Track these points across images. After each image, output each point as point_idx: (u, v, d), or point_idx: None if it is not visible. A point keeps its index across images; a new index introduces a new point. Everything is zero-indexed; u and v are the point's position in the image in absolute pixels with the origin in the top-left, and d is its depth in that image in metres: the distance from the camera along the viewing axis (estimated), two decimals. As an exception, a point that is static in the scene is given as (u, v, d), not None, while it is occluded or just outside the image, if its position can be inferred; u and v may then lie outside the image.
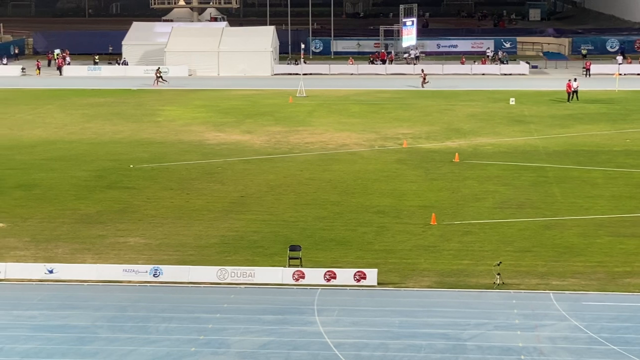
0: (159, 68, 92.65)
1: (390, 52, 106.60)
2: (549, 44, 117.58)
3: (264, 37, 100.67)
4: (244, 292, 33.78)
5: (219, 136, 63.27)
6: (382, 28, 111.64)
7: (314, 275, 34.57)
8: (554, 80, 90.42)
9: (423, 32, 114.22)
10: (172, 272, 34.94)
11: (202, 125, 67.31)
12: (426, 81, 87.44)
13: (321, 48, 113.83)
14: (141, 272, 34.93)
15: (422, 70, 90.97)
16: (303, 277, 34.52)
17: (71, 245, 39.03)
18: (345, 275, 34.47)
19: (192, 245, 39.12)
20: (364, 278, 34.37)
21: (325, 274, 34.51)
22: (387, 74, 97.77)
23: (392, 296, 33.51)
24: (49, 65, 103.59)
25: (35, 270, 35.20)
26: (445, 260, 37.23)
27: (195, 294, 33.64)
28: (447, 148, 58.75)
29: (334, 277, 34.41)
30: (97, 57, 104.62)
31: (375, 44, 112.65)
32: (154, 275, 34.80)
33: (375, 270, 34.74)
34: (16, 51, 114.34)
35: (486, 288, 34.07)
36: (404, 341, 29.38)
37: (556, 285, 34.38)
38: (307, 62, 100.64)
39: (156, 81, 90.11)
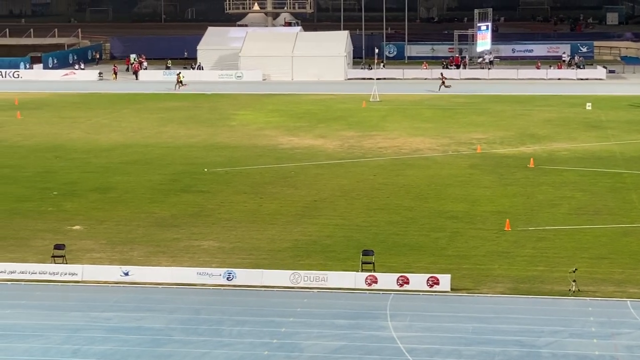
0: (179, 72, 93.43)
1: (464, 57, 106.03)
2: (627, 48, 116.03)
3: (338, 41, 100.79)
4: (316, 297, 33.82)
5: (292, 140, 63.46)
6: (456, 33, 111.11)
7: (387, 280, 34.48)
8: (632, 85, 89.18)
9: (498, 36, 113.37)
10: (245, 276, 35.10)
11: (275, 130, 67.58)
12: (446, 85, 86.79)
13: (395, 53, 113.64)
14: (215, 275, 35.15)
15: (442, 74, 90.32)
16: (376, 282, 34.46)
17: (146, 248, 39.43)
18: (418, 281, 34.33)
19: (265, 249, 39.27)
20: (437, 283, 34.20)
21: (398, 279, 34.42)
22: (462, 79, 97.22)
23: (466, 302, 33.29)
24: (127, 70, 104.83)
25: (111, 272, 35.62)
26: (519, 266, 36.89)
27: (268, 297, 33.75)
28: (522, 153, 58.24)
29: (407, 282, 34.29)
30: (169, 62, 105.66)
31: (449, 48, 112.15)
32: (227, 278, 34.99)
33: (449, 275, 34.55)
34: (97, 56, 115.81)
35: (561, 295, 33.69)
36: (477, 347, 29.17)
37: (634, 293, 33.87)
38: (384, 66, 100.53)
39: (177, 85, 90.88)
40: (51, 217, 44.20)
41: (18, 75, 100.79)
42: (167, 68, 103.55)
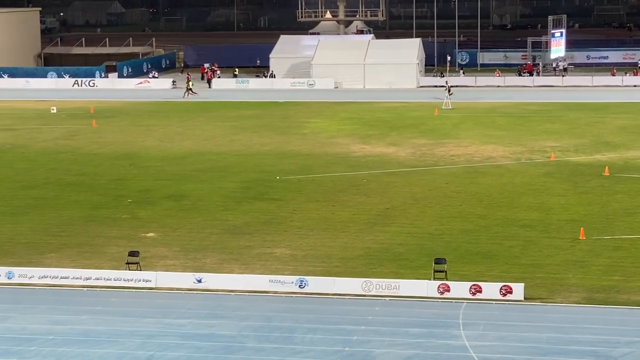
0: (189, 80, 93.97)
1: (538, 64, 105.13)
2: None
3: (410, 49, 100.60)
4: (388, 305, 33.74)
5: (364, 148, 63.44)
6: (529, 40, 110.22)
7: (460, 288, 34.29)
8: None
9: (572, 43, 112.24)
10: (317, 283, 35.14)
11: (347, 138, 67.62)
12: (451, 92, 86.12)
13: (467, 60, 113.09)
14: (287, 282, 35.25)
15: (447, 82, 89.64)
16: (448, 291, 34.28)
17: (219, 255, 39.68)
18: (491, 289, 34.07)
19: (337, 256, 39.28)
20: (511, 292, 33.90)
21: (470, 287, 34.20)
22: (535, 86, 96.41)
23: (540, 311, 32.95)
24: (202, 78, 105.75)
25: (184, 279, 35.90)
26: (594, 275, 36.43)
27: (340, 305, 33.74)
28: (597, 161, 57.56)
29: (480, 291, 34.06)
30: (236, 70, 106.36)
31: (522, 55, 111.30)
32: (299, 286, 35.06)
33: (522, 284, 34.24)
34: (182, 65, 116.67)
35: (638, 305, 33.19)
36: (551, 358, 28.84)
37: None
38: (463, 74, 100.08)
39: (186, 93, 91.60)
40: (125, 224, 44.71)
41: (93, 84, 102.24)
42: (235, 76, 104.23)
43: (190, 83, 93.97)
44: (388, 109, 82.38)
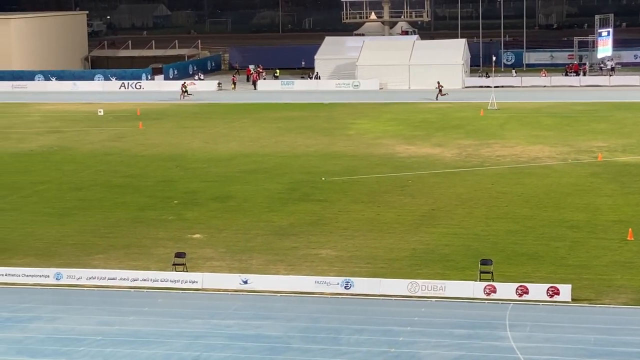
0: (184, 82, 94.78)
1: (585, 64, 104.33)
2: None
3: (455, 50, 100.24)
4: (434, 306, 33.66)
5: (409, 149, 63.32)
6: (576, 39, 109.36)
7: (506, 289, 34.12)
8: None
9: (619, 42, 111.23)
10: (363, 285, 35.14)
11: (392, 139, 67.52)
12: (443, 93, 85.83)
13: (513, 60, 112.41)
14: (333, 284, 35.28)
15: (438, 82, 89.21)
16: (494, 292, 34.13)
17: (265, 256, 39.79)
18: (537, 291, 33.88)
19: (383, 258, 39.25)
20: (558, 294, 33.70)
21: (517, 288, 34.02)
22: (581, 86, 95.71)
23: (587, 313, 32.72)
24: (247, 80, 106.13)
25: (230, 280, 36.05)
26: (642, 277, 36.12)
27: (386, 306, 33.72)
28: (645, 161, 57.03)
29: (526, 292, 33.87)
30: (277, 72, 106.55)
31: (569, 55, 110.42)
32: (345, 287, 35.08)
33: (569, 285, 34.02)
34: (237, 67, 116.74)
35: (686, 306, 32.86)
36: (599, 359, 28.62)
37: None
38: (516, 73, 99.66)
39: (182, 95, 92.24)
40: (172, 225, 44.96)
41: (140, 86, 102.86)
42: (275, 77, 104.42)
43: (186, 85, 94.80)
44: (433, 109, 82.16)
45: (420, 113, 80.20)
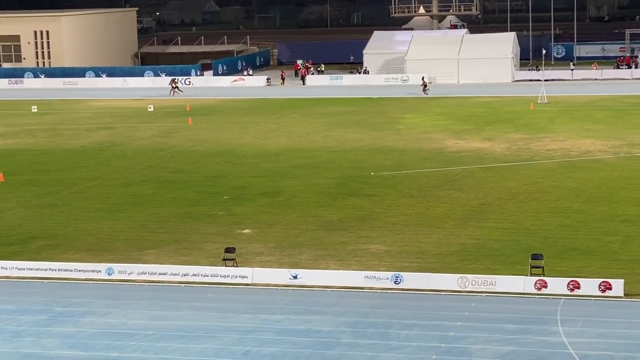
0: (174, 79, 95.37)
1: (636, 56, 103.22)
2: None
3: (505, 43, 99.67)
4: (485, 301, 33.52)
5: (458, 144, 63.08)
6: (628, 32, 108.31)
7: (557, 284, 33.89)
8: None
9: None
10: (412, 279, 35.07)
11: (442, 133, 67.30)
12: (427, 88, 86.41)
13: (563, 53, 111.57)
14: (382, 278, 35.25)
15: (423, 78, 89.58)
16: (545, 287, 33.91)
17: (314, 251, 39.82)
18: (589, 285, 33.61)
19: (432, 252, 39.14)
20: (610, 289, 33.39)
21: (568, 283, 33.78)
22: (633, 79, 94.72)
23: (640, 308, 32.43)
24: (295, 75, 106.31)
25: (280, 275, 36.13)
26: (696, 271, 35.70)
27: (436, 301, 33.63)
28: (698, 155, 56.36)
29: (578, 287, 33.61)
30: (322, 66, 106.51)
31: (620, 48, 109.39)
32: (395, 282, 35.04)
33: (622, 280, 33.70)
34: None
35: None
36: (652, 355, 28.39)
37: None
38: (574, 65, 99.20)
39: (172, 91, 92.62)
40: (222, 220, 45.15)
41: (189, 82, 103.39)
42: (320, 72, 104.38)
43: (177, 81, 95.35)
44: (483, 103, 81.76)
45: (470, 107, 79.85)
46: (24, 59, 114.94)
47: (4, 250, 39.95)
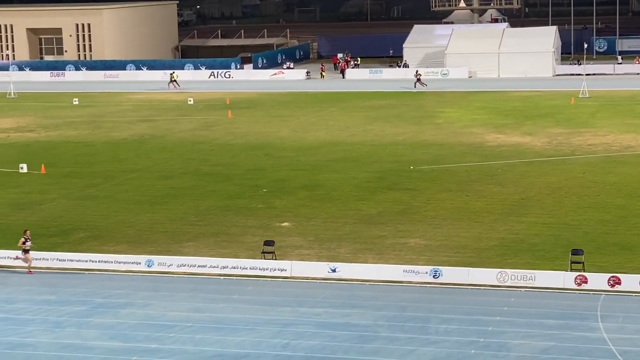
0: (172, 72, 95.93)
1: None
2: None
3: (546, 37, 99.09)
4: (524, 296, 33.38)
5: (498, 138, 62.81)
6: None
7: (597, 280, 33.68)
8: None
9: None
10: (451, 274, 34.99)
11: (481, 127, 67.04)
12: (422, 83, 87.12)
13: (605, 48, 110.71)
14: (421, 273, 35.19)
15: (417, 71, 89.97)
16: (585, 282, 33.71)
17: (353, 245, 39.82)
18: (630, 281, 33.36)
19: (471, 247, 39.02)
20: (651, 285, 33.16)
21: (609, 279, 33.56)
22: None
23: (681, 304, 32.15)
24: (335, 68, 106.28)
25: (318, 268, 36.17)
26: None
27: (474, 296, 33.54)
28: None
29: (619, 283, 33.38)
30: (358, 60, 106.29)
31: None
32: (433, 276, 34.98)
33: (663, 276, 33.47)
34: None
35: None
36: (693, 352, 28.16)
37: None
38: (621, 59, 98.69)
39: (170, 84, 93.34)
40: (261, 213, 45.25)
41: (229, 75, 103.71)
42: (356, 66, 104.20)
43: (175, 75, 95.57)
44: (523, 98, 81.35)
45: (510, 101, 79.48)
46: (66, 51, 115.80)
47: (46, 242, 40.29)
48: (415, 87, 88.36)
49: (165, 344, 29.78)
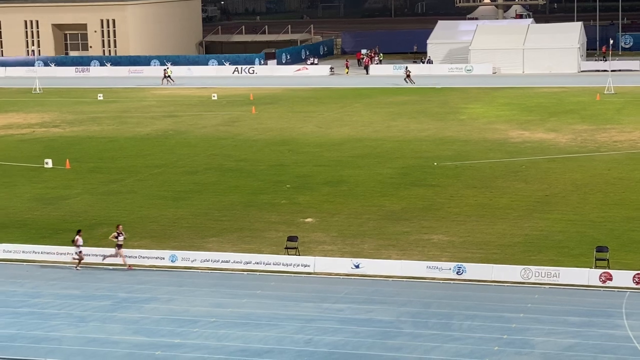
0: (166, 68, 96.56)
1: None
2: None
3: (571, 33, 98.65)
4: (548, 293, 33.27)
5: (523, 134, 62.60)
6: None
7: (623, 277, 33.54)
8: None
9: None
10: (475, 270, 34.93)
11: (506, 123, 66.83)
12: (411, 79, 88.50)
13: (631, 44, 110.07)
14: (445, 269, 35.15)
15: (407, 68, 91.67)
16: (610, 279, 33.56)
17: (376, 241, 39.79)
18: (655, 279, 33.23)
19: (495, 243, 38.91)
20: (676, 282, 32.99)
21: (634, 276, 33.39)
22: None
23: None
24: (359, 64, 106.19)
25: (342, 264, 36.16)
26: None
27: (498, 292, 33.45)
28: None
29: (644, 280, 33.24)
30: (381, 56, 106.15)
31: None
32: (457, 272, 34.92)
33: (688, 274, 33.26)
34: (339, 50, 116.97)
35: None
36: None
37: None
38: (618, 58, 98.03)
39: (163, 80, 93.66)
40: (284, 209, 45.28)
41: (253, 71, 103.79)
42: (380, 62, 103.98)
43: (169, 70, 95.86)
44: (548, 94, 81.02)
45: (534, 97, 79.19)
46: (91, 47, 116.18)
47: (70, 237, 40.42)
48: (411, 82, 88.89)
49: (188, 338, 29.86)
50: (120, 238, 37.13)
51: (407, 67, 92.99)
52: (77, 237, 37.32)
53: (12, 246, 39.07)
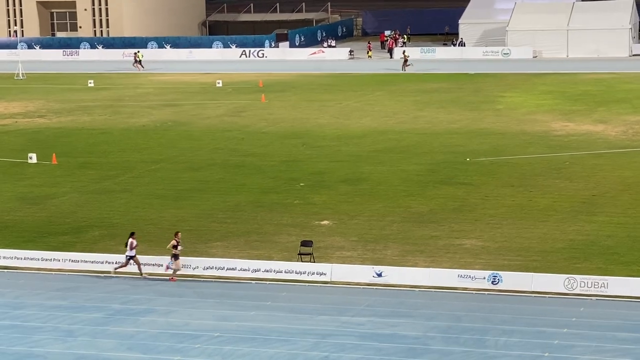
0: (137, 51, 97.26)
1: None
2: None
3: (622, 12, 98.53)
4: (595, 305, 33.29)
5: (567, 126, 62.63)
6: None
7: (679, 288, 33.56)
8: None
9: None
10: (512, 280, 34.94)
11: (547, 114, 66.85)
12: (408, 64, 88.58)
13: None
14: (478, 278, 35.18)
15: (404, 52, 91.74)
16: (665, 291, 33.57)
17: (401, 246, 39.86)
18: None
19: (535, 249, 38.95)
20: None
21: (692, 287, 33.39)
22: None
23: None
24: (382, 47, 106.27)
25: (362, 272, 36.22)
26: None
27: (539, 304, 33.48)
28: None
29: (703, 292, 33.20)
30: (406, 38, 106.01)
31: None
32: (492, 282, 34.96)
33: None
34: (359, 31, 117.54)
35: None
36: None
37: None
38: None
39: (135, 65, 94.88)
40: (297, 210, 45.39)
41: (263, 54, 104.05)
42: (403, 44, 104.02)
43: (140, 54, 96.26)
44: (595, 81, 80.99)
45: (580, 85, 79.18)
46: (80, 27, 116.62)
47: (57, 240, 40.65)
48: (403, 69, 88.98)
49: (189, 355, 29.96)
50: (179, 248, 36.95)
51: (404, 51, 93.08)
52: (131, 239, 37.01)
53: (-8, 251, 39.28)
